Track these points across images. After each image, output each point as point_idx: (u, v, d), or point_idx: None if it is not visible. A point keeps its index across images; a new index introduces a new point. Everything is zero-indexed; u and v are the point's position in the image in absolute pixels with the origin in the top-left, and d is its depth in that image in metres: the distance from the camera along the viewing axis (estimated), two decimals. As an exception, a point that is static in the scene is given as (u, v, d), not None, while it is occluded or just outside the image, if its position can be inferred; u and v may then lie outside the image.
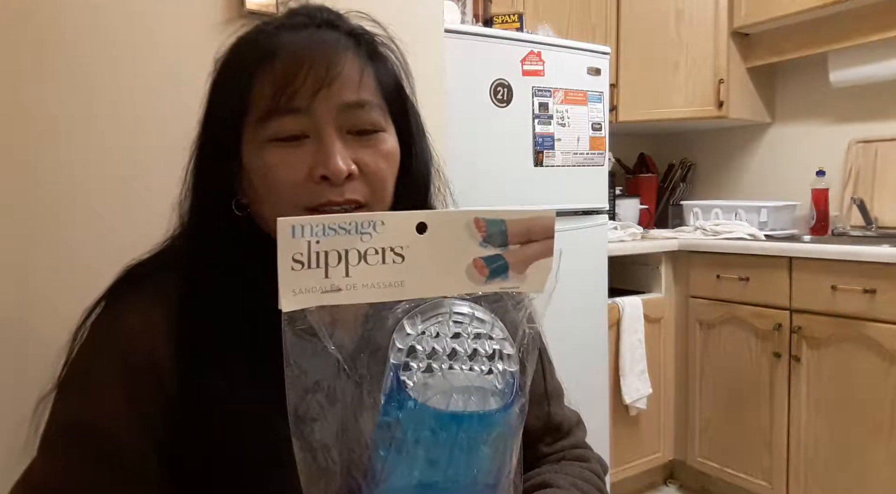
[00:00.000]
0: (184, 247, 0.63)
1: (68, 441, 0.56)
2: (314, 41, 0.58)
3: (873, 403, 1.86)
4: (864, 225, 2.35)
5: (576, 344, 2.00)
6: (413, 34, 0.68)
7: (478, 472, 0.39)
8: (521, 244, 0.40)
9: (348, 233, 0.37)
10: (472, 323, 0.39)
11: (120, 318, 0.58)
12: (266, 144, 0.57)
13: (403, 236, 0.38)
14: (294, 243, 0.37)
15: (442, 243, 0.39)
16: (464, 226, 0.39)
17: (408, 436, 0.37)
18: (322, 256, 0.37)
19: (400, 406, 0.37)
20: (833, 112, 2.56)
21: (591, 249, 2.07)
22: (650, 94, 2.62)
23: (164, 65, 0.99)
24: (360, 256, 0.37)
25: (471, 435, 0.38)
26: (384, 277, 0.38)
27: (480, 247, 0.39)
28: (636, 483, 2.40)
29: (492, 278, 0.39)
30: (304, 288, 0.37)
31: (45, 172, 0.90)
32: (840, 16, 2.25)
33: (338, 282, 0.37)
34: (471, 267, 0.39)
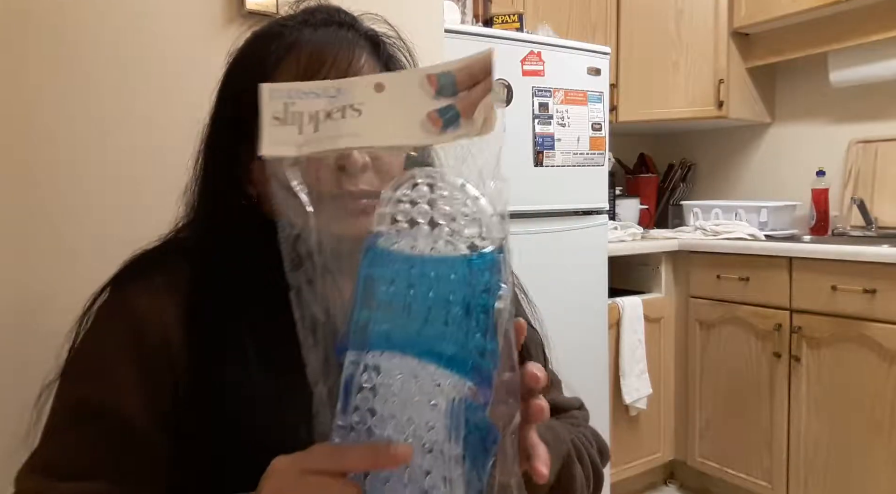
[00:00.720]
0: (193, 236, 0.64)
1: (80, 420, 0.56)
2: (336, 38, 0.60)
3: (873, 403, 1.86)
4: (864, 225, 2.35)
5: (576, 344, 2.00)
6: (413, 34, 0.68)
7: (453, 339, 0.37)
8: (467, 89, 0.41)
9: (318, 97, 0.42)
10: (445, 187, 0.40)
11: (130, 301, 0.59)
12: None
13: (362, 95, 0.42)
14: (273, 104, 0.43)
15: (398, 100, 0.42)
16: (418, 83, 0.41)
17: (379, 286, 0.39)
18: (297, 116, 0.42)
19: (374, 260, 0.39)
20: (833, 112, 2.56)
21: (591, 249, 2.07)
22: (650, 94, 2.62)
23: (165, 64, 0.99)
24: (327, 115, 0.42)
25: (439, 282, 0.38)
26: (344, 129, 0.42)
27: (434, 100, 0.41)
28: (636, 483, 2.40)
29: (445, 128, 0.40)
30: (280, 140, 0.42)
31: (46, 170, 0.90)
32: (840, 16, 2.25)
33: (308, 137, 0.42)
34: (425, 120, 0.41)
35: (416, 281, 0.38)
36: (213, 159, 0.64)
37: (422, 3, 1.27)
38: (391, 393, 0.38)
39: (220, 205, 0.63)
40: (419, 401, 0.38)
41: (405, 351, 0.38)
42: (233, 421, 0.55)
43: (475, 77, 0.41)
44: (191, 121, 0.65)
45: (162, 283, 0.60)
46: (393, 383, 0.38)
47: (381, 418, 0.38)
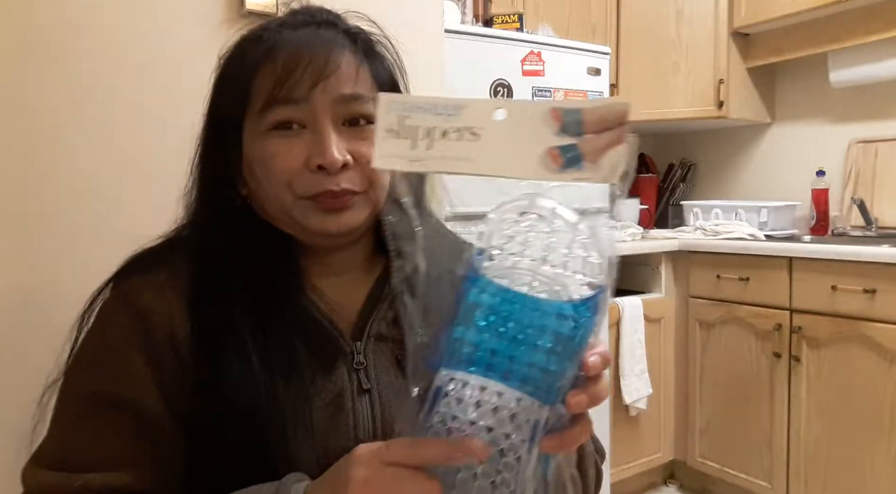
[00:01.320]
0: (191, 235, 0.65)
1: (94, 411, 0.56)
2: (314, 38, 0.61)
3: (873, 403, 1.86)
4: (864, 225, 2.35)
5: (576, 344, 2.00)
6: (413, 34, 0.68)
7: (542, 369, 0.40)
8: (595, 133, 0.40)
9: (436, 113, 0.42)
10: (554, 220, 0.41)
11: (134, 295, 0.59)
12: (266, 134, 0.60)
13: (482, 119, 0.41)
14: (388, 116, 0.42)
15: (518, 130, 0.41)
16: (540, 115, 0.41)
17: (481, 312, 0.39)
18: (411, 130, 0.41)
19: (478, 284, 0.40)
20: (833, 112, 2.56)
21: (591, 249, 2.06)
22: (650, 94, 2.62)
23: (165, 64, 0.99)
24: (442, 133, 0.41)
25: (541, 322, 0.39)
26: (459, 152, 0.41)
27: (555, 137, 0.40)
28: (636, 483, 2.40)
29: (566, 168, 0.40)
30: (392, 153, 0.42)
31: (47, 169, 0.90)
32: (840, 16, 2.25)
33: (421, 154, 0.41)
34: (545, 156, 0.40)
35: (516, 316, 0.39)
36: (206, 161, 0.65)
37: (422, 3, 1.27)
38: (474, 403, 0.41)
39: (215, 205, 0.64)
40: (499, 414, 0.40)
41: (493, 374, 0.40)
42: (233, 414, 0.56)
43: (606, 122, 0.40)
44: (191, 121, 0.65)
45: (164, 278, 0.60)
46: (478, 396, 0.40)
47: (461, 422, 0.41)
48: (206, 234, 0.64)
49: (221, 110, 0.63)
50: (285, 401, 0.56)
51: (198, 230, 0.65)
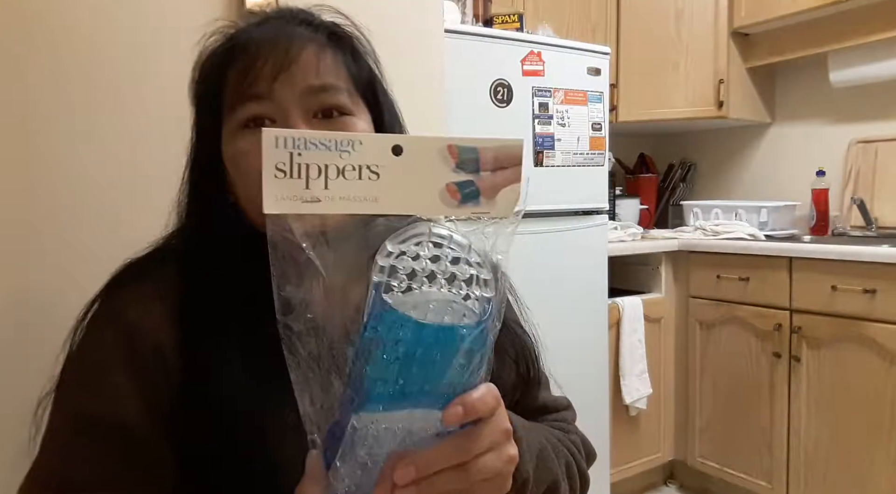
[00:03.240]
0: (182, 244, 0.64)
1: (79, 431, 0.56)
2: (277, 32, 0.60)
3: (873, 403, 1.86)
4: (864, 225, 2.35)
5: (576, 344, 2.00)
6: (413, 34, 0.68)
7: (449, 384, 0.41)
8: (491, 171, 0.42)
9: (328, 150, 0.40)
10: (450, 245, 0.42)
11: (121, 310, 0.59)
12: (236, 132, 0.59)
13: (379, 156, 0.41)
14: (277, 153, 0.40)
15: (416, 166, 0.41)
16: (437, 151, 0.41)
17: (385, 348, 0.39)
18: (303, 168, 0.40)
19: (379, 320, 0.39)
20: (833, 112, 2.56)
21: (591, 249, 2.07)
22: (650, 94, 2.62)
23: (164, 64, 0.98)
24: (338, 171, 0.40)
25: (444, 348, 0.40)
26: (360, 192, 0.40)
27: (453, 173, 0.41)
28: (636, 483, 2.40)
29: (464, 202, 0.41)
30: (285, 195, 0.39)
31: (45, 172, 0.90)
32: (840, 16, 2.25)
33: (317, 193, 0.40)
34: (444, 191, 0.41)
35: (417, 344, 0.40)
36: (193, 166, 0.65)
37: (422, 3, 1.27)
38: (392, 437, 0.42)
39: (204, 211, 0.63)
40: (419, 436, 0.42)
41: (407, 405, 0.41)
42: (220, 426, 0.55)
43: (500, 162, 0.42)
44: (190, 121, 0.65)
45: (152, 291, 0.60)
46: (396, 431, 0.41)
47: (377, 455, 0.42)
48: (194, 241, 0.63)
49: (201, 114, 0.63)
50: (276, 411, 0.54)
51: (187, 236, 0.64)
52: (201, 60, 0.64)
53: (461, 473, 0.44)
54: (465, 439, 0.44)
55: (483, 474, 0.44)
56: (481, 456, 0.44)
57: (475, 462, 0.44)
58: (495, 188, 0.42)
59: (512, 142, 0.42)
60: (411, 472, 0.42)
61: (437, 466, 0.43)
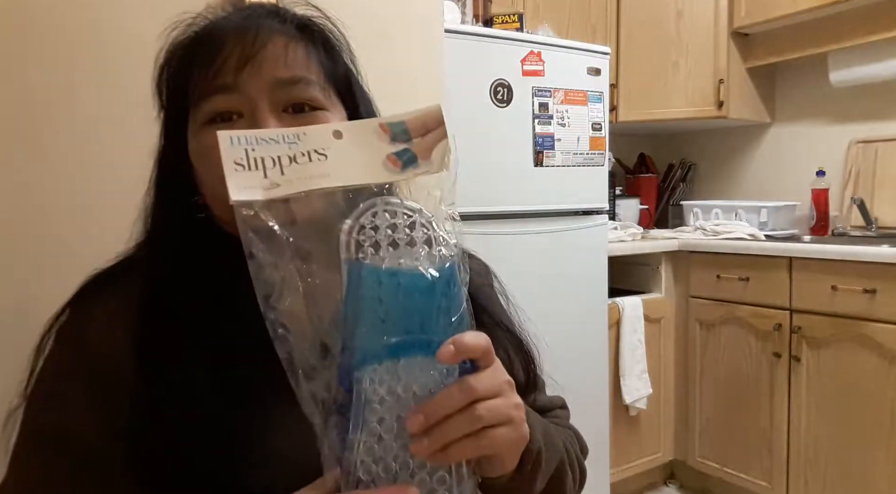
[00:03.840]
0: (148, 253, 0.62)
1: (38, 447, 0.55)
2: (242, 22, 0.57)
3: (873, 403, 1.86)
4: (864, 225, 2.35)
5: (576, 344, 2.00)
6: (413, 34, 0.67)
7: (437, 332, 0.43)
8: (421, 136, 0.47)
9: (277, 143, 0.45)
10: (403, 211, 0.45)
11: (82, 327, 0.58)
12: (201, 127, 0.56)
13: (324, 141, 0.46)
14: (233, 150, 0.44)
15: (357, 145, 0.46)
16: (372, 130, 0.47)
17: (367, 303, 0.42)
18: (259, 161, 0.44)
19: (357, 281, 0.43)
20: (833, 112, 2.56)
21: (591, 249, 2.07)
22: (650, 94, 2.62)
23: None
24: (290, 159, 0.45)
25: (422, 291, 0.43)
26: (313, 171, 0.45)
27: (390, 145, 0.47)
28: (636, 483, 2.40)
29: (405, 168, 0.47)
30: (247, 184, 0.43)
31: (44, 172, 0.90)
32: (840, 16, 2.25)
33: (276, 179, 0.44)
34: (385, 162, 0.46)
35: (396, 290, 0.43)
36: (160, 173, 0.62)
37: (422, 3, 1.27)
38: (397, 401, 0.43)
39: (170, 219, 0.60)
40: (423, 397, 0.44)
41: (402, 356, 0.43)
42: (179, 437, 0.53)
43: (427, 126, 0.48)
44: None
45: (115, 305, 0.58)
46: (400, 393, 0.43)
47: (389, 425, 0.43)
48: (160, 246, 0.60)
49: (166, 111, 0.60)
50: (239, 427, 0.53)
51: (154, 242, 0.62)
52: (163, 54, 0.61)
53: (471, 416, 0.43)
54: (470, 380, 0.44)
55: (493, 416, 0.44)
56: (488, 399, 0.44)
57: (483, 404, 0.44)
58: (428, 148, 0.47)
59: (431, 108, 0.49)
60: (420, 419, 0.42)
61: (445, 409, 0.43)
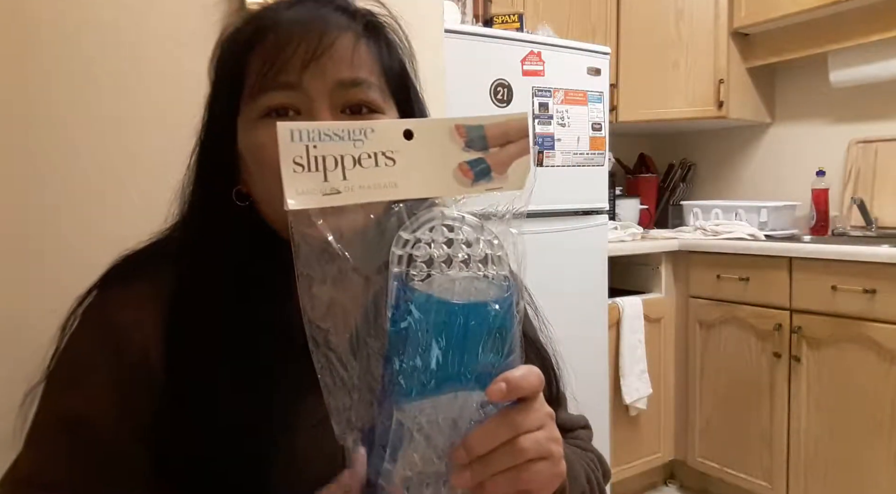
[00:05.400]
0: (182, 239, 0.61)
1: (57, 432, 0.55)
2: (310, 16, 0.56)
3: (873, 403, 1.86)
4: (864, 225, 2.35)
5: (576, 345, 2.00)
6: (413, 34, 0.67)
7: (483, 363, 0.41)
8: (499, 146, 0.43)
9: (342, 140, 0.40)
10: (462, 226, 0.42)
11: (112, 311, 0.57)
12: (257, 121, 0.55)
13: (393, 141, 0.41)
14: (293, 147, 0.39)
15: (428, 148, 0.42)
16: (447, 132, 0.42)
17: (416, 334, 0.39)
18: (320, 160, 0.39)
19: (407, 306, 0.39)
20: (833, 112, 2.56)
21: (591, 249, 2.07)
22: (650, 94, 2.62)
23: (164, 64, 0.99)
24: (354, 161, 0.40)
25: (475, 324, 0.40)
26: (378, 179, 0.40)
27: (463, 152, 0.42)
28: (636, 483, 2.40)
29: (477, 180, 0.42)
30: (305, 189, 0.39)
31: (45, 170, 0.90)
32: (840, 16, 2.25)
33: (336, 185, 0.39)
34: (457, 172, 0.42)
35: (448, 323, 0.40)
36: (202, 154, 0.61)
37: (422, 3, 1.27)
38: (439, 432, 0.42)
39: (211, 207, 0.59)
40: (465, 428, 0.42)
41: (448, 389, 0.41)
42: (202, 435, 0.53)
43: (508, 136, 0.43)
44: (190, 121, 0.65)
45: (145, 291, 0.57)
46: (440, 423, 0.41)
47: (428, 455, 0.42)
48: (196, 234, 0.59)
49: (217, 97, 0.59)
50: (263, 426, 0.52)
51: (189, 229, 0.61)
52: (222, 39, 0.59)
53: (513, 450, 0.43)
54: (514, 413, 0.43)
55: (536, 451, 0.43)
56: (531, 433, 0.43)
57: (526, 438, 0.43)
58: (505, 163, 0.43)
59: (517, 115, 0.43)
60: (462, 452, 0.41)
61: (489, 444, 0.42)
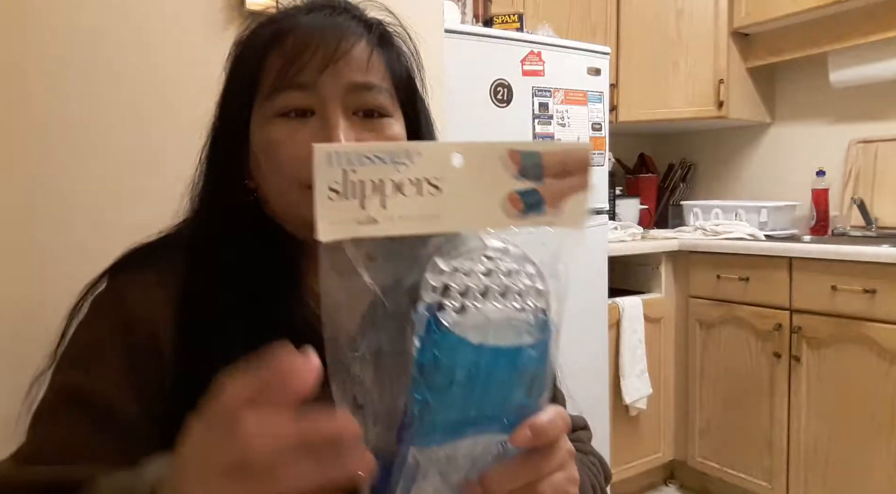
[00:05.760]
0: (192, 230, 0.63)
1: (65, 407, 0.55)
2: (327, 22, 0.59)
3: (873, 403, 1.86)
4: (864, 225, 2.35)
5: (576, 345, 2.00)
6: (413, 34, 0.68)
7: (511, 406, 0.39)
8: (556, 177, 0.38)
9: (384, 163, 0.36)
10: (503, 258, 0.39)
11: (122, 294, 0.58)
12: (272, 119, 0.58)
13: (439, 167, 0.37)
14: (330, 171, 0.35)
15: (477, 175, 0.37)
16: (498, 158, 0.38)
17: (444, 374, 0.37)
18: (358, 186, 0.35)
19: (436, 344, 0.37)
20: (833, 112, 2.56)
21: (591, 249, 2.07)
22: (650, 94, 2.62)
23: (164, 64, 0.99)
24: (395, 187, 0.36)
25: (507, 369, 0.38)
26: (420, 209, 0.36)
27: (515, 181, 0.38)
28: (636, 483, 2.40)
29: (527, 213, 0.38)
30: (340, 218, 0.35)
31: (46, 170, 0.90)
32: (840, 16, 2.25)
33: (374, 214, 0.35)
34: (506, 202, 0.38)
35: (479, 367, 0.37)
36: (213, 150, 0.64)
37: (422, 3, 1.27)
38: (455, 469, 0.40)
39: (220, 198, 0.62)
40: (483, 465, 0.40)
41: (470, 432, 0.39)
42: None
43: (566, 167, 0.39)
44: (190, 121, 0.65)
45: (155, 278, 0.59)
46: (459, 460, 0.39)
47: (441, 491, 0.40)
48: (206, 228, 0.62)
49: (231, 94, 0.62)
50: None
51: (199, 224, 0.63)
52: (245, 37, 0.63)
53: (533, 492, 0.42)
54: (537, 457, 0.42)
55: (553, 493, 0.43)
56: (552, 475, 0.43)
57: (546, 482, 0.43)
58: (561, 196, 0.38)
59: (578, 145, 0.39)
60: (478, 491, 0.40)
61: (508, 485, 0.41)
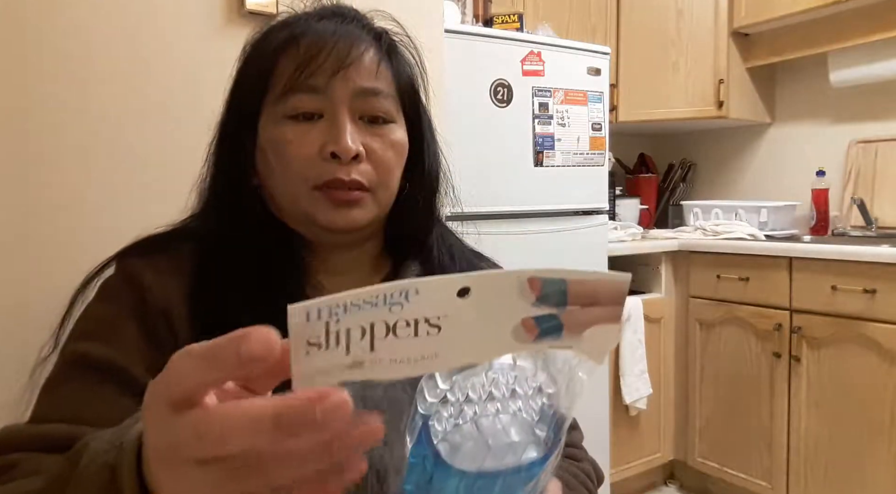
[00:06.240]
0: (200, 224, 0.65)
1: (80, 372, 0.55)
2: (339, 30, 0.62)
3: (873, 403, 1.86)
4: (864, 225, 2.35)
5: (576, 344, 2.00)
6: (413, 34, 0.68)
7: None
8: (581, 305, 0.34)
9: (374, 306, 0.31)
10: (512, 371, 0.37)
11: (136, 274, 0.59)
12: (282, 120, 0.60)
13: (441, 304, 0.32)
14: (309, 328, 0.30)
15: (487, 307, 0.32)
16: (515, 286, 0.33)
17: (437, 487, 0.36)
18: (342, 334, 0.30)
19: (433, 473, 0.36)
20: (833, 112, 2.56)
21: (591, 249, 2.07)
22: (650, 94, 2.62)
23: (165, 64, 0.99)
24: (388, 329, 0.31)
25: (505, 487, 0.37)
26: (416, 351, 0.32)
27: (532, 308, 0.33)
28: (636, 483, 2.40)
29: (541, 337, 0.33)
30: (319, 370, 0.30)
31: (47, 169, 0.90)
32: (840, 16, 2.25)
33: (361, 356, 0.31)
34: (518, 327, 0.33)
35: (473, 490, 0.36)
36: (222, 148, 0.65)
37: (422, 3, 1.27)
38: None
39: (227, 193, 0.64)
40: None
41: None
42: None
43: (597, 298, 0.34)
44: (191, 121, 0.65)
45: (166, 265, 0.60)
46: None
47: None
48: (213, 222, 0.64)
49: (242, 93, 0.64)
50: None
51: (206, 218, 0.65)
52: (257, 39, 0.65)
53: None
54: None
55: None
56: None
57: None
58: (584, 325, 0.34)
59: (617, 276, 0.34)
60: None
61: None
